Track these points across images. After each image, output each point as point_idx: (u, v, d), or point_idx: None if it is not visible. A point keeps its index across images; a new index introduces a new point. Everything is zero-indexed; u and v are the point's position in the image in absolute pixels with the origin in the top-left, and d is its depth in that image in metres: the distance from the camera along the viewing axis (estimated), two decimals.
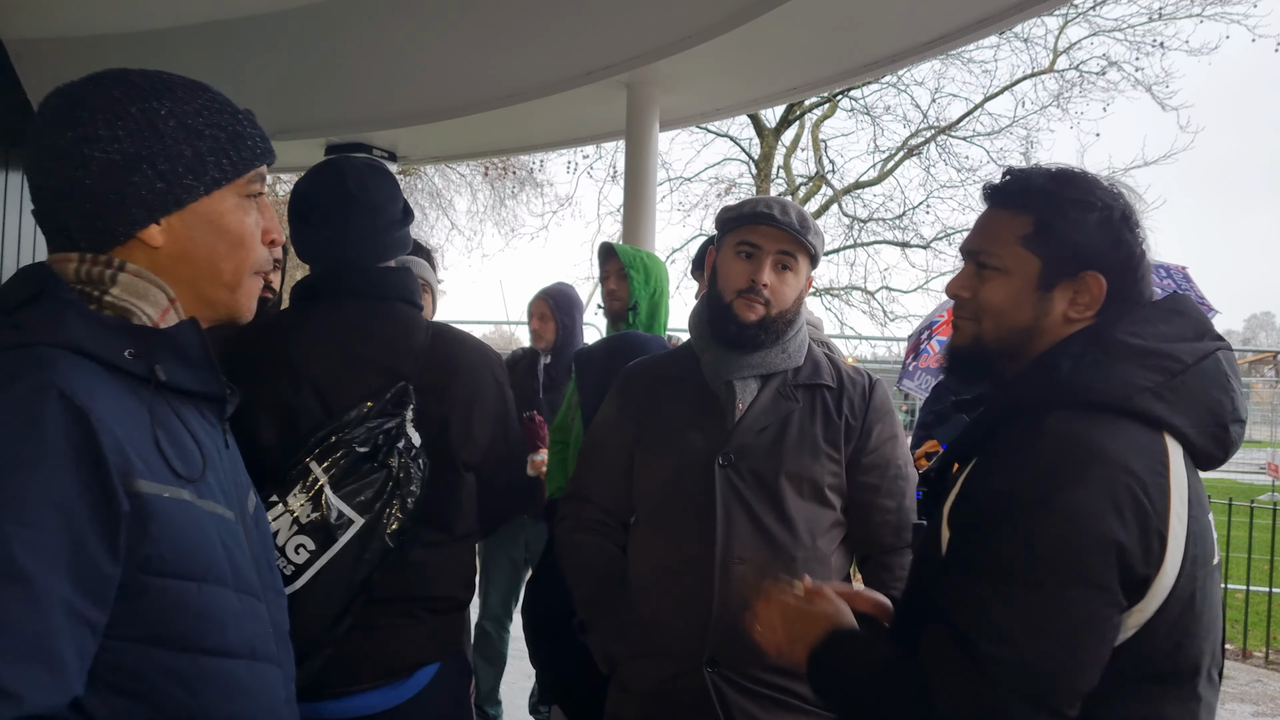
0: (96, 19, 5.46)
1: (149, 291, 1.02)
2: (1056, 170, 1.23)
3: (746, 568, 1.68)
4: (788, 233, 1.74)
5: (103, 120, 0.99)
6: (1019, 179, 1.23)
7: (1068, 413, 1.10)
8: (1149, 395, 1.10)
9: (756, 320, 1.76)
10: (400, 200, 1.71)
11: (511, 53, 5.04)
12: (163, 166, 1.01)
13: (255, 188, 1.09)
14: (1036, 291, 1.19)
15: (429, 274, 3.17)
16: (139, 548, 0.92)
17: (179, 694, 0.95)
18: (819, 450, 1.76)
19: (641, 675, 1.76)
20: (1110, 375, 1.11)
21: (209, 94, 1.08)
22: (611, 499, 1.88)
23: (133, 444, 0.93)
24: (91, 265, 1.00)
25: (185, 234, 1.03)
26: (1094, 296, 1.17)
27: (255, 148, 1.09)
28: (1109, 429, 1.08)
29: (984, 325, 1.22)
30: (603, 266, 2.97)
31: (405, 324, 1.63)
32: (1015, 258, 1.20)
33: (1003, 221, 1.22)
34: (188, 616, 0.96)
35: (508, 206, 16.58)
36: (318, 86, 5.57)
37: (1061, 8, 12.24)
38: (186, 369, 1.03)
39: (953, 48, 5.05)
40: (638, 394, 1.89)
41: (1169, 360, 1.12)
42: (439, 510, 1.59)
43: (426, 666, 1.60)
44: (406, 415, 1.52)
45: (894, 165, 15.30)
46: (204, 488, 1.01)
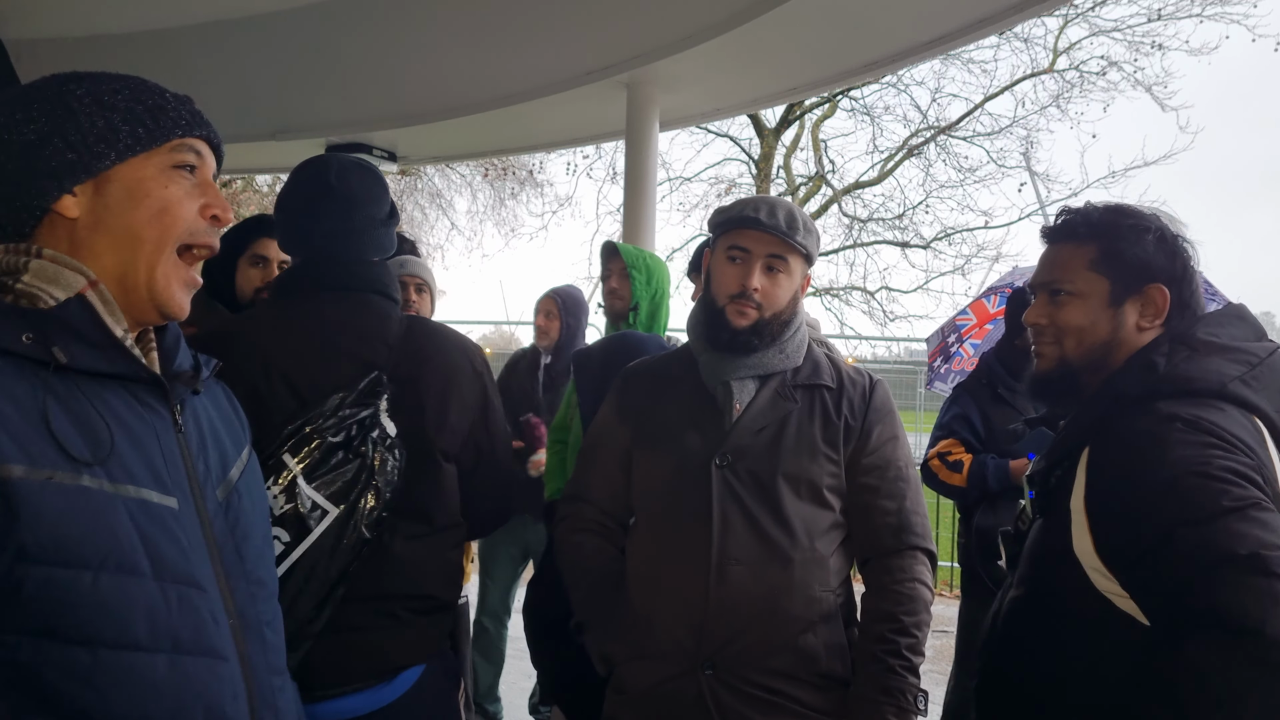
0: (96, 19, 5.45)
1: (60, 275, 1.01)
2: (1108, 204, 1.42)
3: (743, 569, 1.67)
4: (775, 235, 1.73)
5: (20, 106, 1.02)
6: (1078, 214, 1.42)
7: (1176, 400, 1.24)
8: (1239, 383, 1.26)
9: (749, 325, 1.75)
10: (386, 201, 1.71)
11: (511, 53, 5.03)
12: (73, 138, 1.02)
13: (184, 158, 1.08)
14: (1109, 308, 1.37)
15: (427, 274, 3.17)
16: (10, 535, 0.88)
17: (81, 690, 0.91)
18: (817, 451, 1.75)
19: (638, 677, 1.76)
20: (1205, 367, 1.27)
21: (136, 80, 1.09)
22: (610, 499, 1.88)
23: (7, 429, 0.90)
24: (9, 255, 1.01)
25: (101, 202, 1.03)
26: (1159, 306, 1.35)
27: (179, 120, 1.08)
28: (1217, 411, 1.23)
29: (1066, 345, 1.39)
30: (605, 265, 2.97)
31: (378, 315, 1.63)
32: (1086, 281, 1.38)
33: (1070, 252, 1.40)
34: (81, 607, 0.91)
35: (508, 206, 16.58)
36: (318, 86, 5.56)
37: (1061, 8, 12.24)
38: (90, 349, 1.00)
39: (953, 48, 5.04)
40: (636, 394, 1.89)
41: (1247, 354, 1.29)
42: (418, 501, 1.58)
43: (411, 668, 1.59)
44: (380, 405, 1.51)
45: (894, 165, 15.29)
46: (117, 471, 0.97)
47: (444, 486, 1.65)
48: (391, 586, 1.56)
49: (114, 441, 0.99)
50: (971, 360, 5.29)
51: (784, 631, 1.68)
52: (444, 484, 1.65)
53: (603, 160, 15.47)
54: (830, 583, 1.74)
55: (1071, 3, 12.69)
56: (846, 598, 1.80)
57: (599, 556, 1.86)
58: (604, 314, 3.03)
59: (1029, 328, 1.46)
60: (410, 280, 3.10)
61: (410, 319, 1.68)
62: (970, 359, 5.31)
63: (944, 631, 5.40)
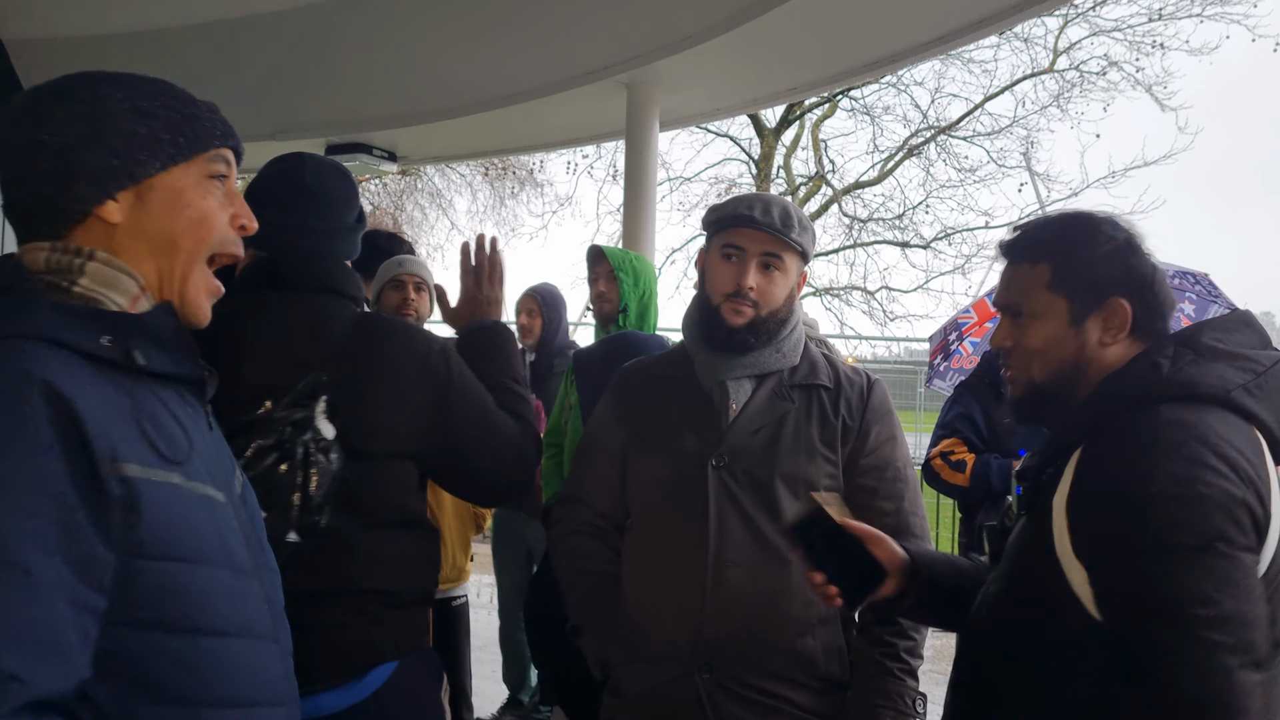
0: (96, 19, 5.45)
1: (118, 280, 1.03)
2: (1057, 216, 1.39)
3: (740, 571, 1.66)
4: (770, 233, 1.71)
5: (57, 106, 1.03)
6: (1027, 234, 1.39)
7: (1178, 404, 1.21)
8: (1242, 391, 1.23)
9: (745, 324, 1.73)
10: (356, 205, 1.69)
11: (511, 53, 5.04)
12: (115, 143, 1.03)
13: (217, 168, 1.10)
14: (1071, 328, 1.33)
15: (426, 272, 3.17)
16: (131, 532, 0.93)
17: (180, 675, 0.96)
18: (815, 451, 1.73)
19: (634, 680, 1.74)
20: (1209, 372, 1.24)
21: (166, 85, 1.10)
22: (606, 501, 1.86)
23: (117, 429, 0.94)
24: (61, 254, 1.01)
25: (143, 210, 1.05)
26: (1122, 319, 1.31)
27: (214, 130, 1.10)
28: (1218, 418, 1.20)
29: (1033, 370, 1.36)
30: (592, 269, 2.98)
31: (324, 314, 1.58)
32: (1044, 303, 1.34)
33: (1025, 274, 1.36)
34: (183, 598, 0.97)
35: (508, 206, 16.60)
36: (318, 86, 5.57)
37: (1061, 8, 12.23)
38: (163, 352, 1.04)
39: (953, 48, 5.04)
40: (632, 395, 1.87)
41: (1252, 362, 1.26)
42: (366, 500, 1.53)
43: (383, 665, 1.55)
44: (318, 406, 1.47)
45: (894, 165, 15.30)
46: (191, 470, 1.02)
47: (394, 484, 1.59)
48: (349, 586, 1.52)
49: (191, 443, 1.04)
50: (971, 359, 5.28)
51: (782, 634, 1.67)
52: (394, 481, 1.59)
53: (603, 160, 15.50)
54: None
55: (1071, 3, 12.69)
56: None
57: (594, 559, 1.84)
58: (593, 317, 3.03)
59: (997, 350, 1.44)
60: (409, 279, 3.10)
61: (363, 317, 1.62)
62: (969, 357, 5.30)
63: (945, 631, 5.40)
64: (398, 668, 1.57)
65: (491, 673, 4.18)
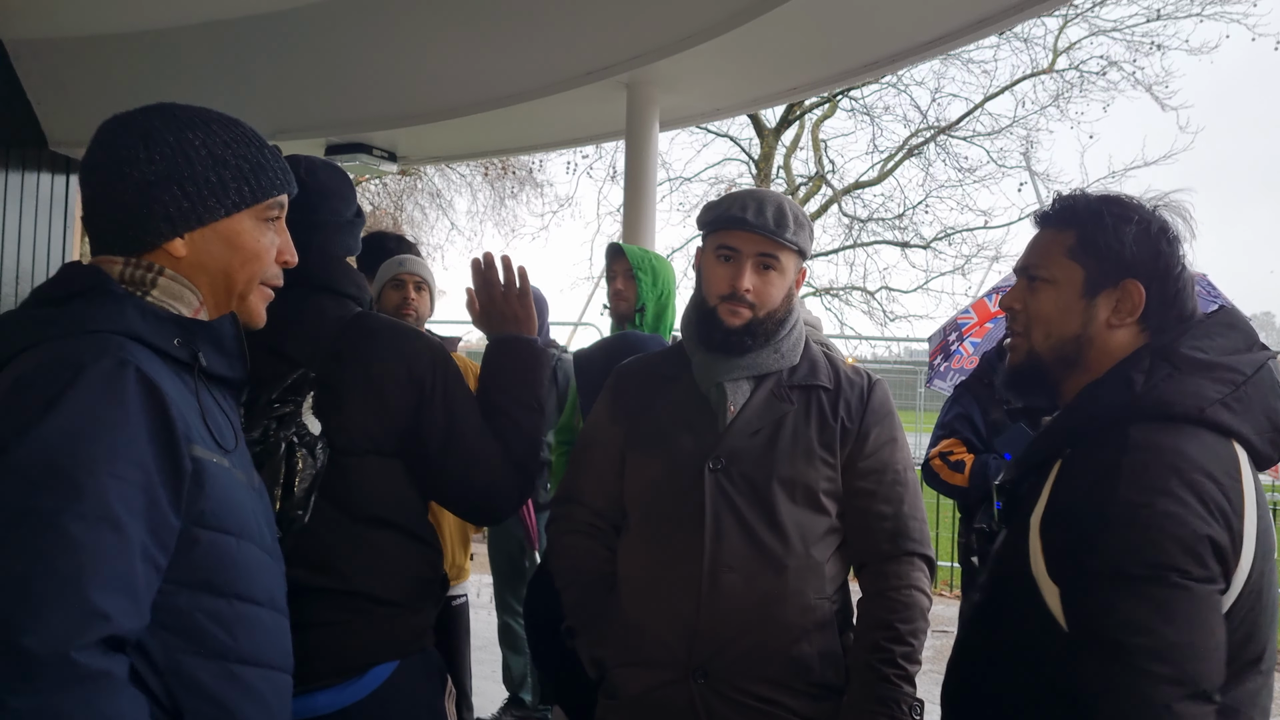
0: (96, 19, 5.45)
1: (183, 294, 1.19)
2: (1101, 194, 1.37)
3: (736, 576, 1.64)
4: (764, 235, 1.69)
5: (142, 144, 1.17)
6: (1065, 201, 1.36)
7: (1150, 425, 1.19)
8: (1219, 406, 1.20)
9: (742, 325, 1.71)
10: (353, 202, 1.69)
11: (511, 53, 5.03)
12: (190, 188, 1.17)
13: (273, 213, 1.25)
14: (1082, 299, 1.30)
15: (426, 272, 3.17)
16: (196, 503, 1.09)
17: (218, 632, 1.12)
18: (813, 454, 1.71)
19: (629, 683, 1.73)
20: (1184, 389, 1.20)
21: (241, 129, 1.24)
22: (603, 500, 1.84)
23: (188, 417, 1.10)
24: (134, 268, 1.17)
25: (205, 248, 1.20)
26: (1134, 303, 1.28)
27: (275, 179, 1.25)
28: (1190, 439, 1.18)
29: (1035, 337, 1.34)
30: (610, 266, 2.96)
31: (315, 312, 1.58)
32: (1062, 268, 1.32)
33: (1050, 237, 1.35)
34: (228, 565, 1.13)
35: (508, 206, 16.59)
36: (318, 86, 5.56)
37: (1061, 8, 12.23)
38: (222, 357, 1.20)
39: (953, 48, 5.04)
40: (629, 394, 1.85)
41: (1232, 372, 1.23)
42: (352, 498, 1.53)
43: (381, 665, 1.54)
44: (304, 402, 1.49)
45: (894, 165, 15.30)
46: (235, 459, 1.19)
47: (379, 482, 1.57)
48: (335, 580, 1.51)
49: (238, 435, 1.22)
50: (971, 359, 5.28)
51: (777, 640, 1.65)
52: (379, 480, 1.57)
53: (603, 160, 15.50)
54: (825, 589, 1.70)
55: (1071, 3, 12.69)
56: (842, 604, 1.77)
57: (590, 559, 1.83)
58: (609, 316, 3.01)
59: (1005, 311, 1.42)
60: (409, 279, 3.10)
61: (356, 317, 1.61)
62: (969, 357, 5.30)
63: (944, 632, 5.40)
64: (397, 669, 1.56)
65: (491, 673, 4.19)
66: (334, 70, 5.45)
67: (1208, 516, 1.12)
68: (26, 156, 6.32)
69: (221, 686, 1.12)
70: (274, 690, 1.20)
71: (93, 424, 1.01)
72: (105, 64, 5.75)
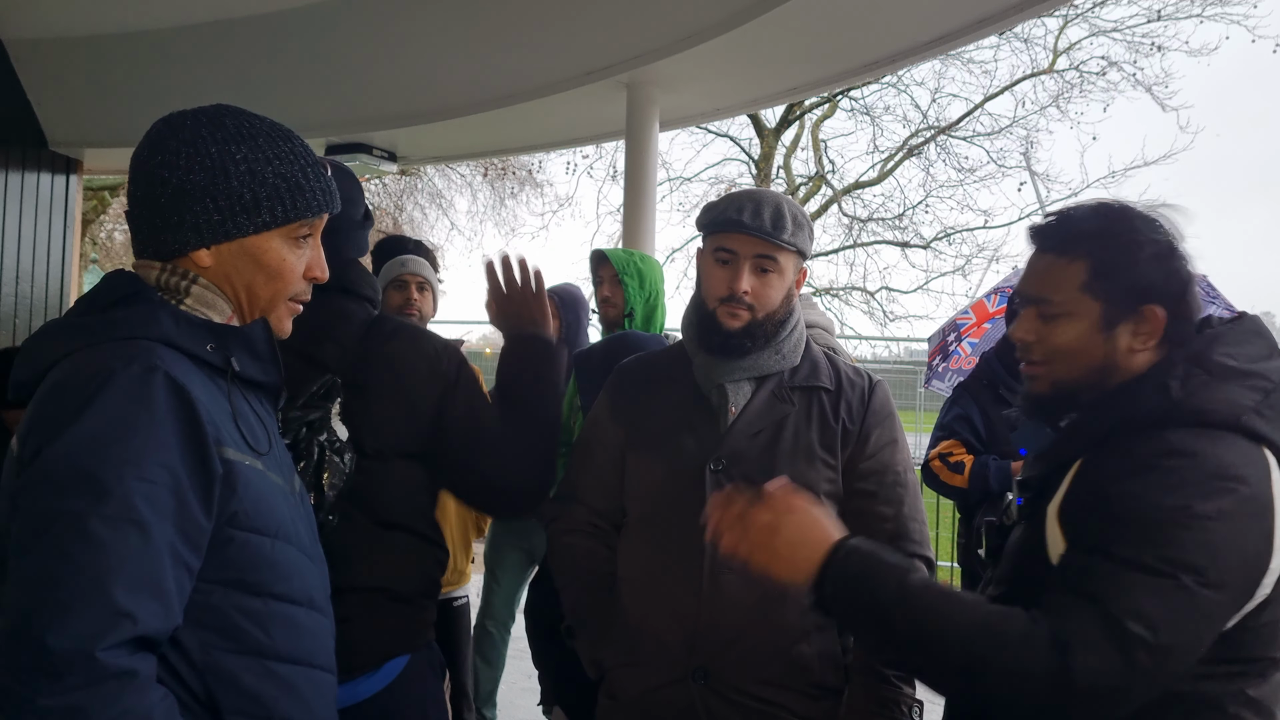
0: (96, 19, 5.45)
1: (216, 303, 1.21)
2: (1099, 208, 1.30)
3: (736, 577, 1.63)
4: (761, 237, 1.68)
5: (185, 152, 1.17)
6: (1065, 223, 1.31)
7: (1187, 430, 1.19)
8: (1253, 414, 1.20)
9: (741, 327, 1.70)
10: (362, 203, 1.72)
11: (511, 53, 5.03)
12: (223, 203, 1.18)
13: (304, 231, 1.25)
14: (1101, 333, 1.27)
15: (429, 273, 3.17)
16: (228, 505, 1.11)
17: (255, 631, 1.14)
18: (814, 456, 1.70)
19: (629, 684, 1.73)
20: (1219, 396, 1.20)
21: (291, 144, 1.24)
22: (603, 500, 1.83)
23: (219, 420, 1.12)
24: (170, 275, 1.19)
25: (230, 261, 1.21)
26: (1155, 327, 1.26)
27: (312, 201, 1.24)
28: (1226, 446, 1.18)
29: (1058, 369, 1.31)
30: (595, 273, 2.94)
31: (337, 314, 1.61)
32: (1077, 303, 1.28)
33: (1060, 269, 1.29)
34: (263, 565, 1.15)
35: (508, 206, 16.58)
36: (318, 86, 5.56)
37: (1061, 8, 12.23)
38: (255, 362, 1.22)
39: (953, 48, 5.04)
40: (630, 393, 1.84)
41: (1262, 380, 1.23)
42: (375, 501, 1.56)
43: (394, 660, 1.58)
44: (332, 408, 1.51)
45: (894, 165, 15.29)
46: (269, 462, 1.20)
47: (402, 485, 1.61)
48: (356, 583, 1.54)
49: (272, 440, 1.23)
50: (969, 359, 5.27)
51: (777, 640, 1.65)
52: (402, 483, 1.61)
53: (603, 160, 15.47)
54: None
55: (1071, 3, 12.69)
56: None
57: (590, 559, 1.82)
58: (599, 321, 3.00)
59: (1016, 343, 1.37)
60: (411, 279, 3.10)
61: (377, 319, 1.65)
62: (968, 358, 5.30)
63: None
64: (410, 661, 1.60)
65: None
66: (334, 70, 5.46)
67: (1243, 525, 1.13)
68: (26, 156, 6.32)
69: (259, 684, 1.13)
70: (314, 688, 1.21)
71: (120, 428, 1.03)
72: (105, 64, 5.74)
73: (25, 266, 6.30)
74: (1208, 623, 1.14)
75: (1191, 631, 1.13)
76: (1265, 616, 1.19)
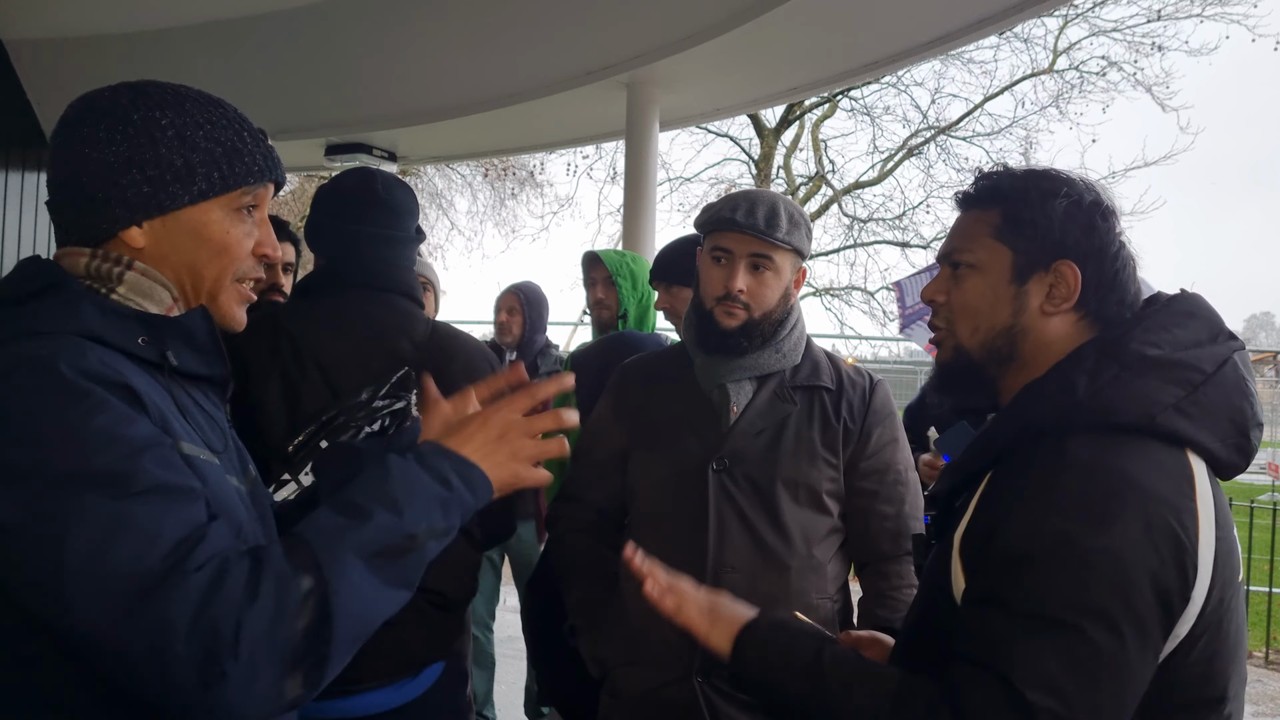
0: (96, 19, 5.45)
1: (154, 290, 1.07)
2: (1025, 169, 1.22)
3: (739, 577, 1.65)
4: (755, 236, 1.69)
5: (104, 124, 1.05)
6: (988, 178, 1.22)
7: (1089, 437, 1.04)
8: (1172, 412, 1.05)
9: (738, 327, 1.71)
10: (416, 219, 1.81)
11: (511, 53, 5.03)
12: (151, 172, 1.05)
13: (248, 201, 1.13)
14: (1011, 285, 1.16)
15: (431, 273, 3.17)
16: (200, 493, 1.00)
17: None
18: (816, 455, 1.71)
19: (632, 682, 1.73)
20: (1131, 394, 1.05)
21: (220, 110, 1.12)
22: (605, 499, 1.85)
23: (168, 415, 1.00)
24: (100, 262, 1.06)
25: (167, 240, 1.08)
26: (1070, 287, 1.14)
27: (253, 165, 1.12)
28: (1135, 454, 1.03)
29: (961, 332, 1.19)
30: (588, 274, 2.95)
31: (405, 314, 1.70)
32: (987, 250, 1.17)
33: (973, 219, 1.20)
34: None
35: (508, 207, 16.59)
36: (318, 86, 5.56)
37: (1061, 8, 12.23)
38: (194, 354, 1.09)
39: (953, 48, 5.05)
40: (632, 393, 1.86)
41: (1189, 371, 1.07)
42: None
43: (434, 664, 1.60)
44: (411, 398, 1.56)
45: (894, 165, 15.29)
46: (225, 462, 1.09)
47: None
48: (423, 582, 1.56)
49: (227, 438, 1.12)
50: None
51: None
52: None
53: (603, 160, 15.47)
54: (827, 589, 1.72)
55: (1071, 3, 12.69)
56: (844, 604, 1.78)
57: (592, 558, 1.84)
58: (591, 324, 3.00)
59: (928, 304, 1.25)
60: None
61: (434, 321, 1.74)
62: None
63: None
64: (445, 668, 1.63)
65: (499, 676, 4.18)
66: (334, 70, 5.46)
67: (1150, 551, 0.98)
68: (26, 156, 6.32)
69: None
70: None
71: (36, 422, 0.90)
72: (105, 64, 5.74)
73: None
74: (1129, 674, 0.98)
75: (1111, 690, 0.97)
76: (1197, 654, 1.03)
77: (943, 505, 1.19)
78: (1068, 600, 0.97)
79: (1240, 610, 1.11)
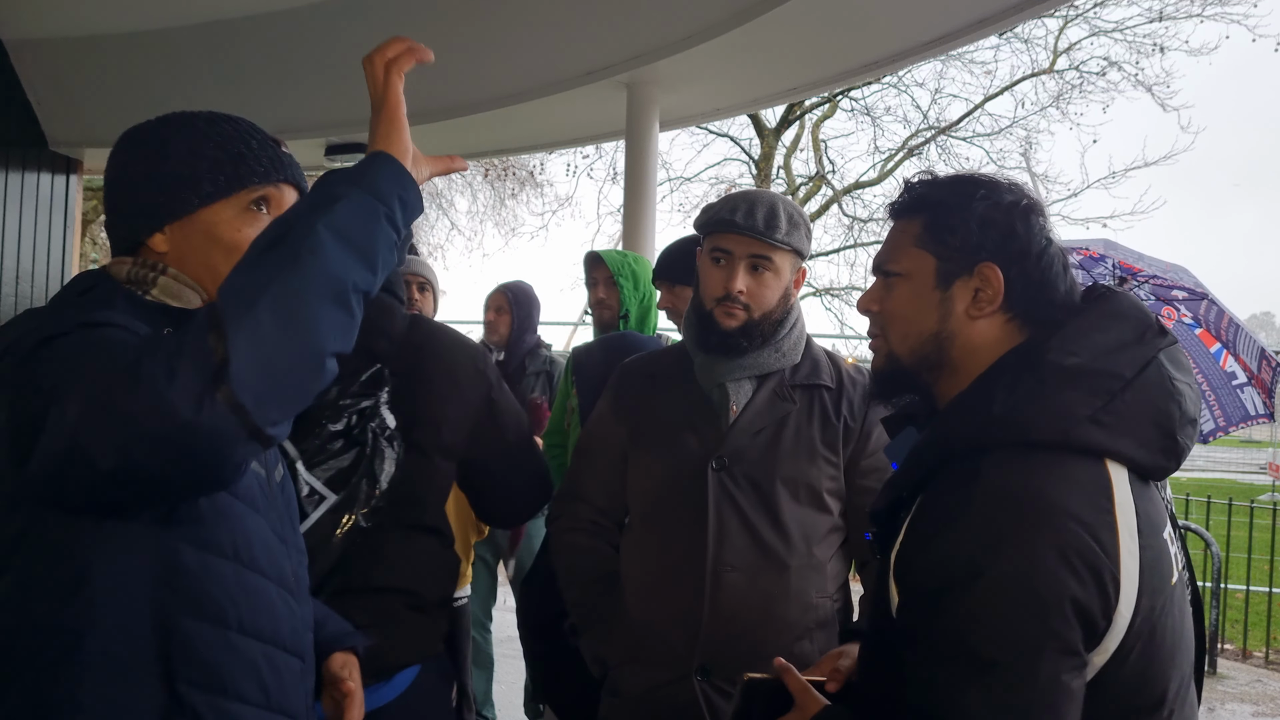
0: (96, 19, 5.46)
1: (183, 293, 1.20)
2: (948, 175, 1.24)
3: (739, 575, 1.65)
4: (753, 236, 1.69)
5: (129, 149, 1.22)
6: (913, 188, 1.24)
7: (1003, 455, 1.04)
8: (1088, 424, 1.04)
9: (738, 327, 1.72)
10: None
11: (511, 53, 5.04)
12: (163, 183, 1.19)
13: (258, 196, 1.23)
14: (936, 291, 1.17)
15: (429, 273, 3.17)
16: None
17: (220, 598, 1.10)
18: (816, 453, 1.72)
19: (632, 681, 1.74)
20: (1045, 408, 1.05)
21: (231, 124, 1.24)
22: (605, 498, 1.85)
23: None
24: (139, 268, 1.20)
25: (186, 242, 1.20)
26: (994, 289, 1.14)
27: (257, 166, 1.23)
28: (1048, 471, 1.02)
29: (892, 339, 1.21)
30: (590, 274, 2.95)
31: (383, 309, 1.66)
32: (911, 259, 1.19)
33: (900, 229, 1.23)
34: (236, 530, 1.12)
35: (508, 206, 16.59)
36: (318, 86, 5.56)
37: (1061, 8, 12.23)
38: None
39: (953, 48, 5.05)
40: (633, 392, 1.86)
41: (1107, 379, 1.06)
42: (414, 496, 1.58)
43: (407, 669, 1.57)
44: (381, 396, 1.53)
45: (894, 165, 15.28)
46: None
47: (438, 484, 1.64)
48: (387, 581, 1.55)
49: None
50: None
51: (780, 638, 1.66)
52: (438, 482, 1.64)
53: (603, 160, 15.46)
54: (828, 588, 1.72)
55: (1071, 3, 12.69)
56: (844, 603, 1.78)
57: (593, 557, 1.84)
58: (592, 324, 3.00)
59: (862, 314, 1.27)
60: (413, 279, 3.10)
61: (414, 317, 1.70)
62: None
63: None
64: (421, 671, 1.60)
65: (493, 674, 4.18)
66: (334, 70, 5.45)
67: (1069, 576, 0.96)
68: (26, 156, 6.32)
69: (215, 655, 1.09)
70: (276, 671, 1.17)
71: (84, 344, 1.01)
72: (105, 64, 5.75)
73: (25, 266, 6.30)
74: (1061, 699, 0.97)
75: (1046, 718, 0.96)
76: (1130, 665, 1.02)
77: (883, 521, 1.17)
78: (986, 636, 0.96)
79: (1177, 613, 1.09)
